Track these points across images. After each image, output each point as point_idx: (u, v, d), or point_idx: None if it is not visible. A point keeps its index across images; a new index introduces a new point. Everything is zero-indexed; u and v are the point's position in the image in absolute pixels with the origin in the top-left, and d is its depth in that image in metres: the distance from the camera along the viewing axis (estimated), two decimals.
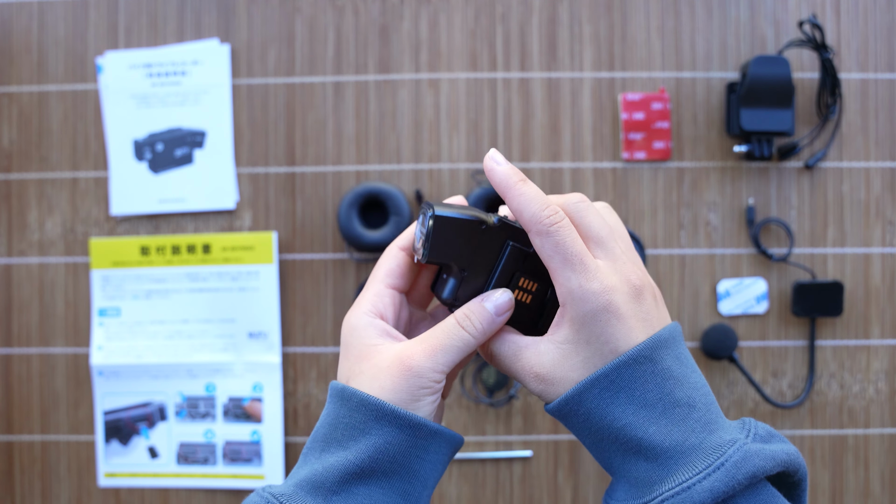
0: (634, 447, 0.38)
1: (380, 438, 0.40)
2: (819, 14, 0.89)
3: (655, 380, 0.38)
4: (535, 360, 0.41)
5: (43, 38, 0.92)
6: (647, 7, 0.90)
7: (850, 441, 0.89)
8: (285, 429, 0.90)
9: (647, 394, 0.38)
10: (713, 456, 0.36)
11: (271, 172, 0.91)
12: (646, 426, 0.38)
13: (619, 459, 0.39)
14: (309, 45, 0.91)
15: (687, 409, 0.38)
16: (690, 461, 0.37)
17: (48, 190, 0.92)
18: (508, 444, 0.90)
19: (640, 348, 0.38)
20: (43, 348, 0.92)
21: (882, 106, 0.90)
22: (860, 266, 0.89)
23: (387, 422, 0.40)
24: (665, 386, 0.38)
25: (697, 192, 0.90)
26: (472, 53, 0.90)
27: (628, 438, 0.38)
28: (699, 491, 0.36)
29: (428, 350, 0.41)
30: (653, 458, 0.38)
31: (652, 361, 0.38)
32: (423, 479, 0.41)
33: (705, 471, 0.36)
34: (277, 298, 0.90)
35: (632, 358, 0.38)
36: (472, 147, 0.90)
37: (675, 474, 0.37)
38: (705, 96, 0.90)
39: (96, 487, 0.91)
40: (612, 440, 0.39)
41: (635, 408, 0.38)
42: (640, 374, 0.38)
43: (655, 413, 0.38)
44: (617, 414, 0.38)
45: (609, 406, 0.38)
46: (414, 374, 0.40)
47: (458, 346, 0.41)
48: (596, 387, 0.38)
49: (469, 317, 0.42)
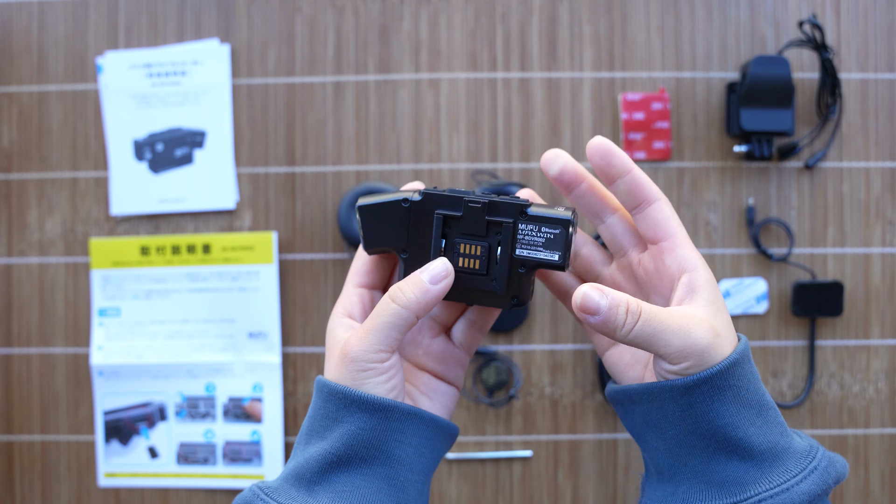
0: (730, 446, 0.38)
1: (352, 425, 0.40)
2: (819, 14, 0.89)
3: (754, 380, 0.39)
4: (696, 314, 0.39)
5: (43, 38, 0.92)
6: (647, 7, 0.90)
7: (850, 441, 0.89)
8: (285, 429, 0.90)
9: (750, 394, 0.38)
10: (806, 460, 0.38)
11: (271, 172, 0.91)
12: (746, 426, 0.38)
13: (702, 457, 0.38)
14: (309, 45, 0.91)
15: (774, 412, 0.40)
16: (784, 464, 0.38)
17: (48, 190, 0.92)
18: (508, 444, 0.90)
19: (744, 347, 0.39)
20: (43, 348, 0.92)
21: (882, 106, 0.90)
22: (860, 266, 0.89)
23: (356, 407, 0.40)
24: (760, 387, 0.39)
25: (697, 192, 0.90)
26: (472, 53, 0.90)
27: (727, 437, 0.38)
28: (797, 493, 0.37)
29: (361, 333, 0.41)
30: (748, 458, 0.38)
31: (750, 361, 0.39)
32: (408, 464, 0.41)
33: (801, 473, 0.37)
34: (277, 298, 0.90)
35: (741, 356, 0.38)
36: (472, 147, 0.90)
37: (772, 475, 0.37)
38: (705, 96, 0.90)
39: (96, 487, 0.92)
40: (705, 436, 0.38)
41: (739, 407, 0.38)
42: (745, 373, 0.39)
43: (753, 413, 0.38)
44: (722, 411, 0.38)
45: (717, 402, 0.38)
46: (350, 359, 0.41)
47: (391, 322, 0.41)
48: (710, 383, 0.38)
49: (401, 288, 0.41)
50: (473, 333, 0.48)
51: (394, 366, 0.42)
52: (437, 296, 0.41)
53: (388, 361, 0.41)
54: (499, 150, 0.90)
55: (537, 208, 0.42)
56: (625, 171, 0.42)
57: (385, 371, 0.41)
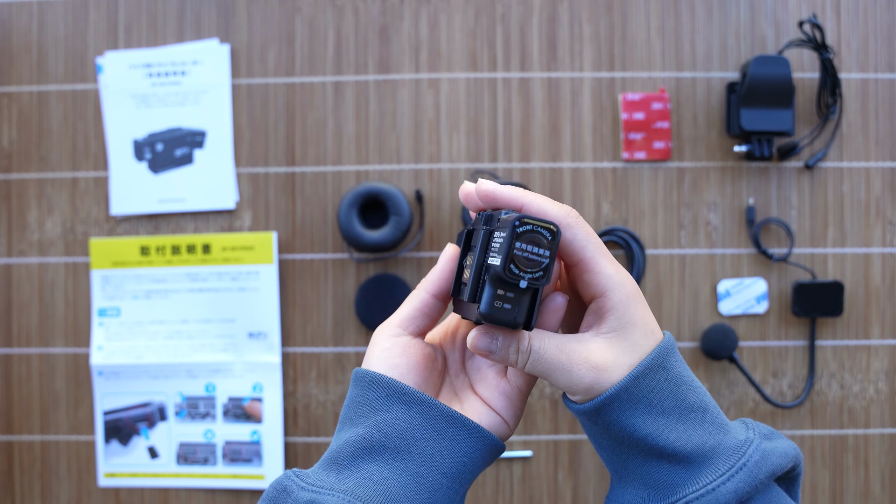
0: (656, 453, 0.39)
1: (388, 413, 0.41)
2: (819, 14, 0.89)
3: (670, 387, 0.39)
4: (585, 348, 0.39)
5: (43, 38, 0.92)
6: (647, 7, 0.90)
7: (850, 441, 0.89)
8: (285, 429, 0.90)
9: (664, 402, 0.39)
10: (734, 457, 0.37)
11: (271, 172, 0.91)
12: (666, 434, 0.38)
13: (636, 462, 0.40)
14: (309, 45, 0.91)
15: (701, 413, 0.39)
16: (713, 463, 0.38)
17: (48, 190, 0.92)
18: (508, 443, 0.90)
19: (653, 357, 0.39)
20: (43, 348, 0.92)
21: (882, 106, 0.90)
22: (860, 266, 0.89)
23: (395, 398, 0.41)
24: (679, 392, 0.39)
25: (697, 192, 0.90)
26: (472, 53, 0.90)
27: (650, 447, 0.38)
28: (724, 493, 0.36)
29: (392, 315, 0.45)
30: (675, 462, 0.38)
31: (664, 369, 0.39)
32: (441, 467, 0.41)
33: (728, 472, 0.37)
34: (277, 298, 0.90)
35: (647, 368, 0.39)
36: (472, 147, 0.90)
37: (699, 476, 0.37)
38: (705, 96, 0.90)
39: (96, 487, 0.91)
40: (633, 447, 0.39)
41: (654, 417, 0.38)
42: (656, 384, 0.39)
43: (673, 420, 0.38)
44: (637, 424, 0.38)
45: (629, 418, 0.38)
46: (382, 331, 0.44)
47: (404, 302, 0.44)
48: (615, 401, 0.38)
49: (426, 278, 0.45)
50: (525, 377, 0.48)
51: (400, 345, 0.43)
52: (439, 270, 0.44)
53: (398, 337, 0.43)
54: (499, 150, 0.90)
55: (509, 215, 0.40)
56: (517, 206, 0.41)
57: (390, 347, 0.43)
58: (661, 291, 0.90)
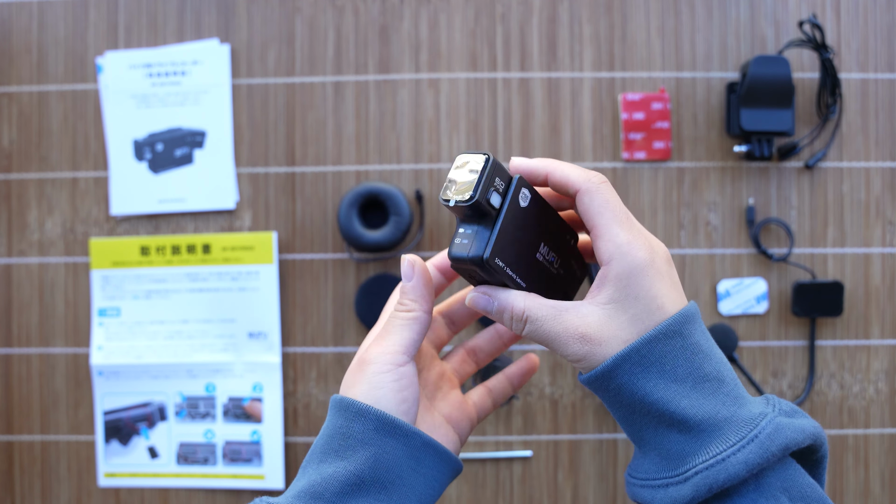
0: (667, 420, 0.38)
1: (378, 448, 0.39)
2: (819, 14, 0.89)
3: (685, 354, 0.38)
4: (579, 320, 0.39)
5: (43, 38, 0.92)
6: (647, 7, 0.90)
7: (850, 441, 0.89)
8: (285, 429, 0.90)
9: (678, 368, 0.38)
10: (746, 428, 0.37)
11: (271, 172, 0.91)
12: (678, 400, 0.37)
13: (650, 432, 0.39)
14: (309, 45, 0.91)
15: (717, 384, 0.38)
16: (724, 433, 0.37)
17: (48, 190, 0.92)
18: (508, 444, 0.90)
19: (670, 323, 0.38)
20: (43, 348, 0.92)
21: (882, 106, 0.90)
22: (860, 266, 0.89)
23: (385, 431, 0.40)
24: (695, 360, 0.38)
25: (697, 192, 0.90)
26: (472, 53, 0.90)
27: (661, 412, 0.38)
28: (734, 463, 0.36)
29: (376, 340, 0.42)
30: (686, 431, 0.37)
31: (682, 336, 0.38)
32: (419, 494, 0.41)
33: (739, 443, 0.36)
34: (277, 298, 0.90)
35: (661, 332, 0.38)
36: (472, 147, 0.90)
37: (709, 446, 0.37)
38: (705, 96, 0.90)
39: (96, 487, 0.92)
40: (643, 413, 0.39)
41: (666, 382, 0.38)
42: (670, 349, 0.38)
43: (686, 387, 0.38)
44: (648, 389, 0.38)
45: (640, 381, 0.38)
46: (367, 362, 0.41)
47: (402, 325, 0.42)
48: (627, 362, 0.38)
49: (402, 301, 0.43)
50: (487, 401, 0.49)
51: (408, 376, 0.41)
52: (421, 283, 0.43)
53: (404, 367, 0.41)
54: (499, 151, 0.90)
55: None
56: (544, 177, 0.42)
57: (400, 378, 0.41)
58: None
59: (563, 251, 0.44)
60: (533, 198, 0.42)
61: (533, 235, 0.42)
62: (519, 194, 0.41)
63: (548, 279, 0.43)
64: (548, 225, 0.43)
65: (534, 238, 0.42)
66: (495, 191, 0.40)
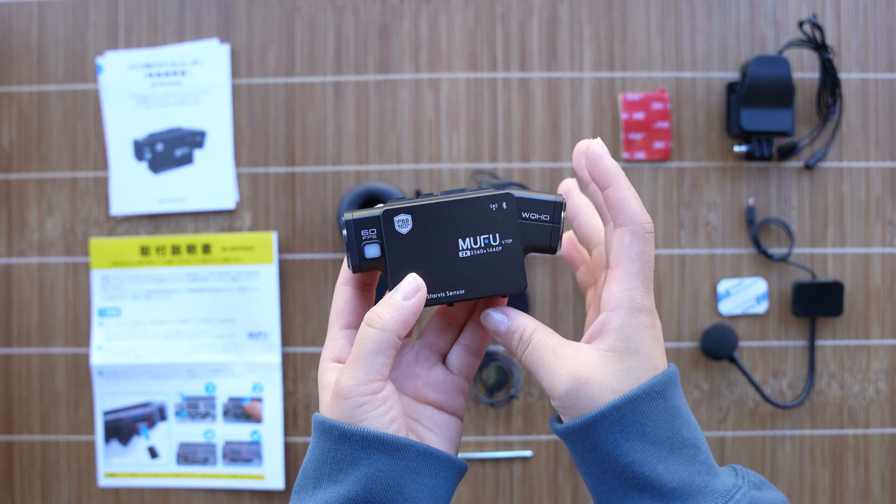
0: (640, 484, 0.37)
1: (369, 467, 0.38)
2: (819, 14, 0.89)
3: (665, 417, 0.38)
4: (576, 357, 0.39)
5: (43, 38, 0.92)
6: (647, 7, 0.90)
7: (850, 441, 0.89)
8: (285, 429, 0.90)
9: (658, 431, 0.37)
10: (721, 500, 0.36)
11: (271, 172, 0.91)
12: (654, 464, 0.37)
13: (619, 495, 0.38)
14: (309, 45, 0.91)
15: (693, 450, 0.38)
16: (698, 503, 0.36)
17: (48, 190, 0.92)
18: (508, 444, 0.90)
19: (654, 383, 0.38)
20: (43, 348, 0.92)
21: (882, 106, 0.90)
22: (860, 266, 0.89)
23: (374, 449, 0.39)
24: (674, 424, 0.38)
25: (697, 192, 0.90)
26: (472, 53, 0.90)
27: (635, 475, 0.37)
28: None
29: (348, 368, 0.40)
30: (659, 498, 0.37)
31: (664, 397, 0.38)
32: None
33: None
34: (277, 298, 0.90)
35: (646, 392, 0.37)
36: (472, 147, 0.90)
37: None
38: (705, 96, 0.90)
39: (96, 487, 0.92)
40: (616, 474, 0.38)
41: (644, 444, 0.37)
42: (652, 410, 0.38)
43: (663, 451, 0.37)
44: (626, 449, 0.37)
45: (618, 440, 0.37)
46: (343, 396, 0.39)
47: (373, 348, 0.39)
48: (607, 419, 0.37)
49: (376, 312, 0.40)
50: (469, 358, 0.47)
51: (389, 396, 0.40)
52: (413, 311, 0.40)
53: (382, 392, 0.40)
54: (499, 150, 0.90)
55: None
56: (604, 185, 0.40)
57: (381, 403, 0.40)
58: (661, 291, 0.90)
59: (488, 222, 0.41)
60: (413, 217, 0.41)
61: (441, 244, 0.41)
62: (394, 227, 0.40)
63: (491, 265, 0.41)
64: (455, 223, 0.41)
65: (444, 244, 0.41)
66: (368, 243, 0.40)
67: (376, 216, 0.40)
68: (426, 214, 0.41)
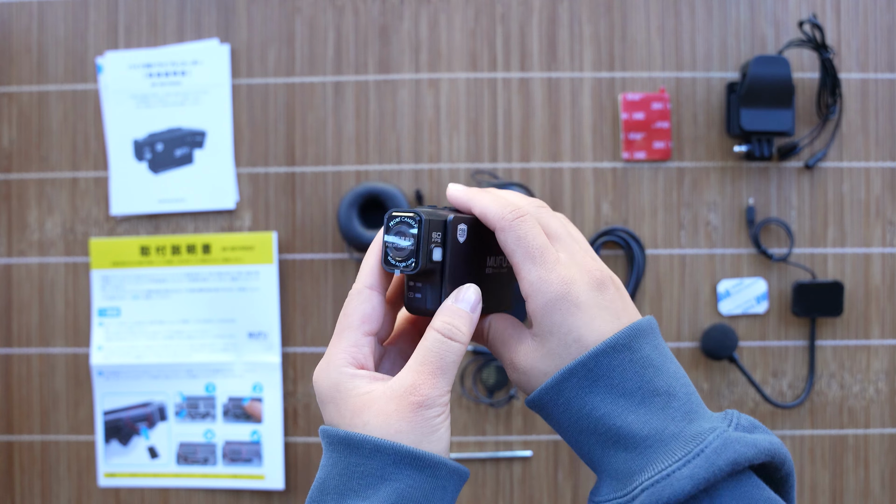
0: (613, 437, 0.38)
1: (400, 483, 0.38)
2: (819, 14, 0.89)
3: (634, 368, 0.38)
4: (515, 348, 0.41)
5: (43, 38, 0.92)
6: (647, 7, 0.90)
7: (850, 441, 0.89)
8: (285, 429, 0.90)
9: (626, 382, 0.38)
10: (693, 443, 0.36)
11: (271, 172, 0.91)
12: (624, 415, 0.37)
13: (599, 452, 0.39)
14: (309, 45, 0.91)
15: (666, 398, 0.38)
16: (670, 449, 0.36)
17: (48, 190, 0.92)
18: (508, 444, 0.90)
19: (618, 337, 0.38)
20: (43, 348, 0.92)
21: (882, 106, 0.90)
22: (860, 266, 0.89)
23: (406, 464, 0.38)
24: (644, 374, 0.38)
25: (697, 192, 0.90)
26: (472, 53, 0.90)
27: (607, 428, 0.38)
28: (679, 478, 0.35)
29: (429, 377, 0.39)
30: (632, 448, 0.37)
31: (630, 350, 0.38)
32: None
33: (685, 457, 0.35)
34: (277, 298, 0.90)
35: (610, 346, 0.38)
36: (472, 147, 0.90)
37: (655, 463, 0.36)
38: (705, 96, 0.90)
39: (96, 487, 0.91)
40: (591, 431, 0.38)
41: (614, 397, 0.37)
42: (618, 363, 0.38)
43: (634, 402, 0.37)
44: (596, 403, 0.38)
45: (587, 395, 0.38)
46: (425, 406, 0.39)
47: (453, 360, 0.40)
48: (574, 376, 0.38)
49: (453, 324, 0.40)
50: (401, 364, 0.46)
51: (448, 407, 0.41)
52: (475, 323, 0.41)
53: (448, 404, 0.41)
54: (499, 150, 0.90)
55: None
56: (469, 209, 0.42)
57: (448, 413, 0.40)
58: (661, 291, 0.90)
59: None
60: (468, 227, 0.42)
61: (477, 258, 0.43)
62: (456, 235, 0.41)
63: (503, 283, 0.45)
64: (486, 239, 0.43)
65: (479, 259, 0.43)
66: (434, 245, 0.40)
67: (444, 220, 0.41)
68: (477, 228, 0.42)
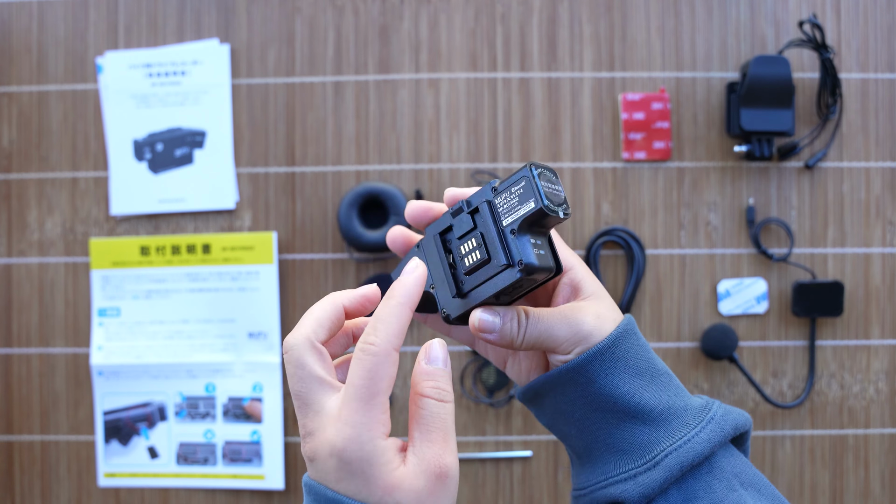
0: (632, 413, 0.41)
1: None
2: (819, 14, 0.89)
3: (641, 351, 0.42)
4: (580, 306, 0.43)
5: (43, 38, 0.92)
6: (647, 7, 0.90)
7: (850, 441, 0.89)
8: (285, 429, 0.90)
9: (639, 363, 0.42)
10: (702, 413, 0.41)
11: (271, 172, 0.91)
12: (642, 392, 0.41)
13: (608, 428, 0.42)
14: (309, 45, 0.91)
15: (667, 377, 0.43)
16: (684, 419, 0.41)
17: (48, 190, 0.92)
18: (508, 444, 0.90)
19: (626, 324, 0.42)
20: (43, 348, 0.92)
21: (882, 106, 0.90)
22: (860, 266, 0.89)
23: None
24: (649, 357, 0.43)
25: (697, 192, 0.90)
26: (472, 53, 0.90)
27: (627, 405, 0.41)
28: (698, 442, 0.40)
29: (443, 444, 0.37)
30: (649, 422, 0.41)
31: (635, 335, 0.43)
32: None
33: (699, 425, 0.41)
34: (277, 298, 0.90)
35: (624, 331, 0.42)
36: (472, 147, 0.90)
37: (673, 432, 0.41)
38: (705, 96, 0.90)
39: (96, 487, 0.92)
40: (608, 408, 0.41)
41: (631, 376, 0.41)
42: (631, 346, 0.42)
43: (646, 380, 0.42)
44: (617, 382, 0.41)
45: (609, 375, 0.41)
46: (451, 477, 0.37)
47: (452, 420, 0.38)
48: (598, 358, 0.41)
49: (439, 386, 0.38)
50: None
51: None
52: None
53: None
54: (499, 150, 0.90)
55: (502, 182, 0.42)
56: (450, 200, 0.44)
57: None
58: (661, 291, 0.90)
59: None
60: None
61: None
62: None
63: None
64: None
65: None
66: None
67: None
68: None
